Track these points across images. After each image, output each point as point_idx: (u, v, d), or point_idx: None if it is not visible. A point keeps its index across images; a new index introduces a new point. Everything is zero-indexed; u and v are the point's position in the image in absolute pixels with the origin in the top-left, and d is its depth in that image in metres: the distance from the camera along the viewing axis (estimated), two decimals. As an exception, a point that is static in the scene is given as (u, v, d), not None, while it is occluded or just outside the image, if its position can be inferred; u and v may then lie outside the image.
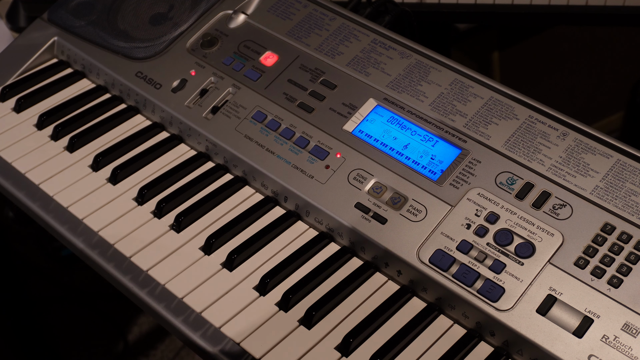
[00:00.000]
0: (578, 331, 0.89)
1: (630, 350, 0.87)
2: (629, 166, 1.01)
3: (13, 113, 1.26)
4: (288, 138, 1.11)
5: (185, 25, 1.27)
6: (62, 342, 2.17)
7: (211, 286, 1.00)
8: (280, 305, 0.98)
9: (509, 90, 1.10)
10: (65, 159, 1.17)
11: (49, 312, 2.21)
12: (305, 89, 1.16)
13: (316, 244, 1.04)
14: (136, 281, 1.02)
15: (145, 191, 1.11)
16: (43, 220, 1.11)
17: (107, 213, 1.09)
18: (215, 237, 1.04)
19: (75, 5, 1.34)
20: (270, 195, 1.10)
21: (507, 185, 1.01)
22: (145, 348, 2.18)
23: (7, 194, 1.16)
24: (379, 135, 1.09)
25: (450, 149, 1.06)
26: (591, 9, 1.51)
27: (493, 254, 0.96)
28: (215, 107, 1.17)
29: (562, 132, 1.05)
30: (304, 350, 0.93)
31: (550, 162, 1.02)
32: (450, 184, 1.03)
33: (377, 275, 1.01)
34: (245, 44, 1.23)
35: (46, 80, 1.30)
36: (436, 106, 1.10)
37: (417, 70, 1.15)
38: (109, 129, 1.22)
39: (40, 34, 1.33)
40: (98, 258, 1.05)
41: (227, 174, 1.14)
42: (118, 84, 1.25)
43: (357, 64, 1.17)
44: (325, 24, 1.23)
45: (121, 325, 2.22)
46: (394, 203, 1.03)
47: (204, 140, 1.15)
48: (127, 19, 1.30)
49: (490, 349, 0.94)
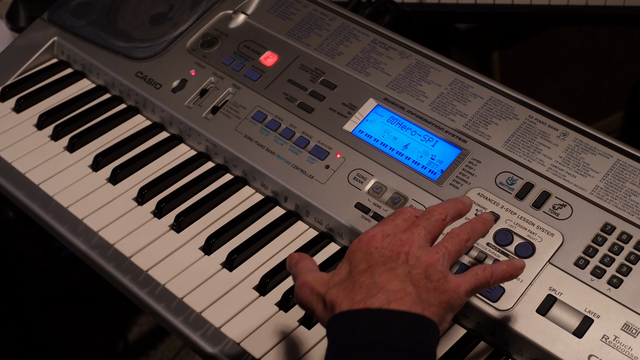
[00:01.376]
0: (578, 331, 0.89)
1: (630, 350, 0.87)
2: (629, 166, 1.01)
3: (13, 113, 1.26)
4: (288, 138, 1.11)
5: (185, 25, 1.27)
6: (62, 342, 2.17)
7: (211, 286, 1.00)
8: (280, 305, 0.98)
9: (509, 90, 1.10)
10: (65, 159, 1.17)
11: (49, 312, 2.21)
12: (305, 89, 1.16)
13: (316, 244, 1.04)
14: (136, 281, 1.02)
15: (145, 191, 1.11)
16: (43, 220, 1.11)
17: (107, 213, 1.09)
18: (215, 237, 1.04)
19: (75, 5, 1.34)
20: (270, 195, 1.10)
21: (507, 185, 1.01)
22: (145, 348, 2.18)
23: (7, 194, 1.16)
24: (379, 135, 1.09)
25: (450, 149, 1.06)
26: (591, 9, 1.51)
27: (493, 254, 0.96)
28: (215, 107, 1.17)
29: (562, 132, 1.05)
30: (304, 350, 0.93)
31: (550, 162, 1.02)
32: (450, 184, 1.03)
33: (377, 275, 1.01)
34: (245, 44, 1.23)
35: (46, 80, 1.30)
36: (436, 106, 1.10)
37: (417, 70, 1.15)
38: (109, 129, 1.22)
39: (40, 34, 1.33)
40: (98, 258, 1.05)
41: (227, 174, 1.14)
42: (118, 84, 1.25)
43: (357, 64, 1.17)
44: (325, 24, 1.23)
45: (121, 325, 2.22)
46: (394, 203, 1.03)
47: (204, 140, 1.15)
48: (127, 19, 1.30)
49: (490, 348, 0.94)
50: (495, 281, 0.83)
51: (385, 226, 0.83)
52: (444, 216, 0.86)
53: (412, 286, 0.77)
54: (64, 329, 2.20)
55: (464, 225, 0.86)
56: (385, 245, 0.81)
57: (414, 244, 0.81)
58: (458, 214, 0.88)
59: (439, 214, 0.85)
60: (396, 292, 0.76)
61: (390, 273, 0.78)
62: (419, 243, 0.81)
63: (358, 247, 0.82)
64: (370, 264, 0.79)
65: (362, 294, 0.76)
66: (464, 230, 0.85)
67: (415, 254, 0.80)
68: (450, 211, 0.87)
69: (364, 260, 0.80)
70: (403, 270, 0.78)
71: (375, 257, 0.80)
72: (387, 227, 0.83)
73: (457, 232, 0.85)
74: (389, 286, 0.76)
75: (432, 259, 0.80)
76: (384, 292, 0.76)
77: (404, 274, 0.78)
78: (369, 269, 0.78)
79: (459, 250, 0.83)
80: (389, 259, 0.79)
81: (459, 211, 0.88)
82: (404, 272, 0.78)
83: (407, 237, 0.82)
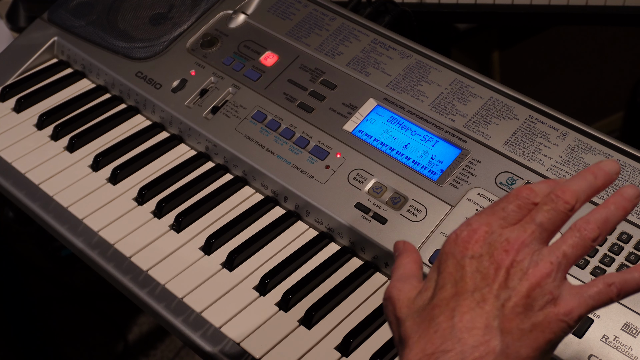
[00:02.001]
0: (578, 331, 0.89)
1: (630, 350, 0.87)
2: (629, 166, 1.01)
3: (13, 113, 1.26)
4: (288, 138, 1.11)
5: (185, 25, 1.27)
6: (62, 342, 2.17)
7: (211, 286, 1.00)
8: (280, 305, 0.98)
9: (509, 90, 1.10)
10: (65, 159, 1.17)
11: (49, 312, 2.21)
12: (305, 89, 1.16)
13: (316, 244, 1.04)
14: (136, 281, 1.02)
15: (145, 191, 1.11)
16: (43, 220, 1.11)
17: (107, 213, 1.09)
18: (215, 237, 1.04)
19: (75, 5, 1.34)
20: (270, 195, 1.10)
21: (507, 185, 1.01)
22: (145, 348, 2.18)
23: (7, 194, 1.16)
24: (379, 135, 1.09)
25: (450, 149, 1.06)
26: (591, 9, 1.51)
27: (493, 254, 0.96)
28: (215, 107, 1.17)
29: (562, 132, 1.05)
30: (304, 350, 0.93)
31: (550, 162, 1.02)
32: (450, 184, 1.03)
33: (377, 275, 1.01)
34: (245, 44, 1.23)
35: (46, 80, 1.30)
36: (436, 106, 1.10)
37: (417, 70, 1.15)
38: (109, 129, 1.22)
39: (40, 34, 1.33)
40: (98, 258, 1.05)
41: (227, 174, 1.14)
42: (118, 84, 1.25)
43: (357, 64, 1.17)
44: (325, 24, 1.23)
45: (121, 325, 2.22)
46: (394, 203, 1.03)
47: (204, 140, 1.15)
48: (127, 19, 1.30)
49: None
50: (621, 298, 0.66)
51: (492, 217, 0.67)
52: (572, 204, 0.66)
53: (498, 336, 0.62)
54: (64, 329, 2.20)
55: (594, 214, 0.66)
56: (484, 252, 0.65)
57: (522, 249, 0.64)
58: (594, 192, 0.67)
59: (565, 201, 0.65)
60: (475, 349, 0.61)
61: (476, 312, 0.63)
62: (528, 248, 0.64)
63: (452, 251, 0.66)
64: (457, 290, 0.64)
65: (435, 344, 0.63)
66: (593, 223, 0.65)
67: (521, 267, 0.63)
68: (583, 193, 0.66)
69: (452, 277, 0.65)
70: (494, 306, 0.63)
71: (466, 276, 0.65)
72: (494, 219, 0.66)
73: (583, 227, 0.65)
74: (468, 339, 0.62)
75: (542, 273, 0.63)
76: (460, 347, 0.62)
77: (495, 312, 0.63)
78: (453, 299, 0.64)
79: (580, 255, 0.65)
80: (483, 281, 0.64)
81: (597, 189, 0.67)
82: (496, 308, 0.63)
83: (516, 237, 0.65)
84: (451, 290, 0.65)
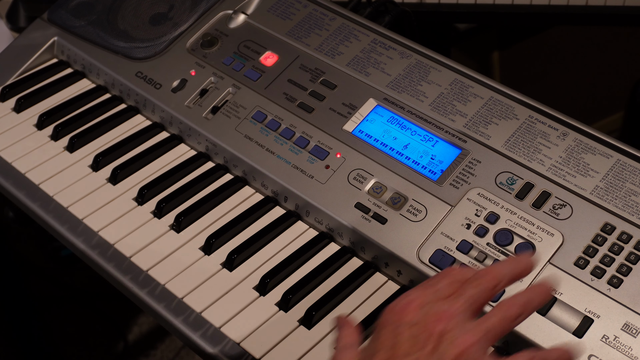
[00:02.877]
0: (578, 331, 0.89)
1: (630, 350, 0.87)
2: (629, 166, 1.01)
3: (13, 113, 1.26)
4: (288, 138, 1.11)
5: (185, 25, 1.27)
6: (62, 342, 2.17)
7: (211, 286, 1.00)
8: (280, 305, 0.98)
9: (509, 90, 1.10)
10: (65, 159, 1.17)
11: (49, 312, 2.21)
12: (305, 89, 1.16)
13: (316, 244, 1.04)
14: (136, 281, 1.02)
15: (145, 191, 1.11)
16: (43, 220, 1.11)
17: (107, 213, 1.09)
18: (215, 237, 1.04)
19: (75, 5, 1.34)
20: (270, 195, 1.10)
21: (507, 185, 1.01)
22: (145, 348, 2.18)
23: (7, 194, 1.16)
24: (379, 135, 1.09)
25: (450, 149, 1.06)
26: (591, 9, 1.51)
27: (493, 254, 0.96)
28: (215, 107, 1.17)
29: (562, 132, 1.05)
30: (304, 350, 0.93)
31: (550, 162, 1.02)
32: (450, 184, 1.03)
33: (377, 275, 1.01)
34: (245, 44, 1.23)
35: (46, 80, 1.30)
36: (436, 106, 1.10)
37: (417, 70, 1.15)
38: (109, 129, 1.22)
39: (40, 34, 1.33)
40: (98, 258, 1.05)
41: (227, 174, 1.14)
42: (118, 84, 1.25)
43: (357, 64, 1.17)
44: (325, 24, 1.23)
45: (121, 325, 2.22)
46: (394, 203, 1.03)
47: (204, 140, 1.15)
48: (127, 19, 1.30)
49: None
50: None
51: (425, 291, 0.74)
52: (495, 283, 0.74)
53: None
54: (64, 329, 2.20)
55: (518, 297, 0.75)
56: (419, 320, 0.71)
57: (453, 318, 0.71)
58: (515, 277, 0.77)
59: (489, 280, 0.74)
60: None
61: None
62: (457, 318, 0.71)
63: (389, 320, 0.73)
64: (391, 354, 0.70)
65: None
66: (516, 304, 0.74)
67: (450, 335, 0.70)
68: (505, 276, 0.75)
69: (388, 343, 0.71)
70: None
71: (401, 342, 0.70)
72: (427, 293, 0.74)
73: (507, 307, 0.73)
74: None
75: (468, 342, 0.70)
76: None
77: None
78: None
79: (503, 331, 0.72)
80: (415, 346, 0.70)
81: (517, 275, 0.77)
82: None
83: (446, 310, 0.72)
84: (384, 355, 0.71)
